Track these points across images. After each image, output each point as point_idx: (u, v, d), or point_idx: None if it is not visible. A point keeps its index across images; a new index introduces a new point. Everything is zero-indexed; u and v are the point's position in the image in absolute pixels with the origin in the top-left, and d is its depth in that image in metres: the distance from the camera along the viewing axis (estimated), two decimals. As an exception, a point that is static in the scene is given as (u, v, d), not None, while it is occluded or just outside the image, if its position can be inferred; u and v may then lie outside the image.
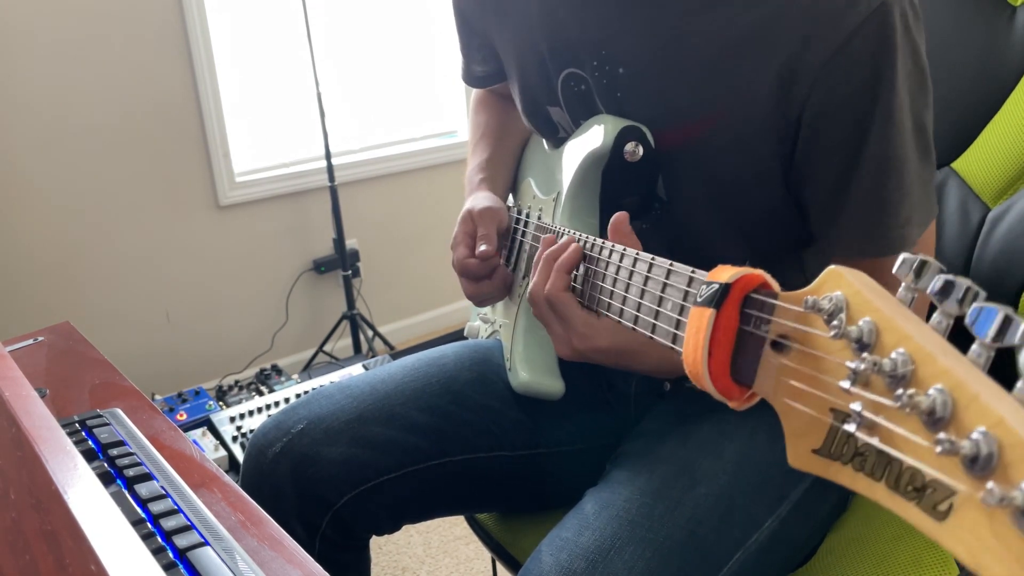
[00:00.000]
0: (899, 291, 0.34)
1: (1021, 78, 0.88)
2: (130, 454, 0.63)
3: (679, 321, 0.52)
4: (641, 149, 0.76)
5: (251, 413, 1.95)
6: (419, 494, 0.89)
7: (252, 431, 1.87)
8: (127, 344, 2.30)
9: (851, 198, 0.70)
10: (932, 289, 0.32)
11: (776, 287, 0.44)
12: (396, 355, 2.51)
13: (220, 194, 2.38)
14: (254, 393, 2.12)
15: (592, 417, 0.94)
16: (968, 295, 0.31)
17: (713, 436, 0.77)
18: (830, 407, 0.36)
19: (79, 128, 2.13)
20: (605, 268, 0.67)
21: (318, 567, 0.54)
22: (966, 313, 0.30)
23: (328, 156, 2.41)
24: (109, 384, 0.82)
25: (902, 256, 0.34)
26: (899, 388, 0.31)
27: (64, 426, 0.68)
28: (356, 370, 2.14)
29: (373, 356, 2.42)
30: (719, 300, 0.44)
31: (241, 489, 0.63)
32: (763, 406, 0.46)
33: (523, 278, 0.91)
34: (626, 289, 0.62)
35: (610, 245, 0.67)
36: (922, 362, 0.31)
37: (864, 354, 0.33)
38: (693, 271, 0.52)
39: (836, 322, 0.34)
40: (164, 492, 0.58)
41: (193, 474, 0.65)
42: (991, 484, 0.27)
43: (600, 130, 0.78)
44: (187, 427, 1.93)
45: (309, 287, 2.64)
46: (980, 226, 0.91)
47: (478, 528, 1.01)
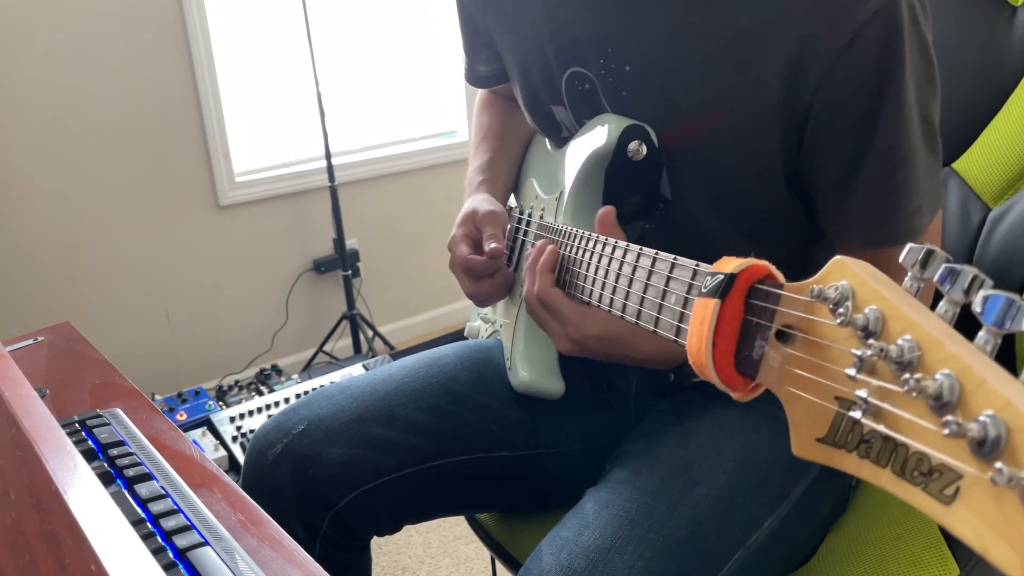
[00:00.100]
0: (905, 280, 0.34)
1: (1021, 78, 0.88)
2: (130, 454, 0.63)
3: (683, 314, 0.52)
4: (645, 148, 0.76)
5: (251, 413, 1.95)
6: (419, 494, 0.88)
7: (252, 431, 1.88)
8: (127, 344, 2.30)
9: (859, 189, 0.70)
10: (938, 278, 0.32)
11: (781, 278, 0.44)
12: (396, 355, 2.51)
13: (220, 194, 2.38)
14: (254, 393, 2.12)
15: (592, 417, 0.94)
16: (974, 283, 0.31)
17: (713, 436, 0.77)
18: (835, 395, 0.35)
19: (79, 128, 2.13)
20: (608, 264, 0.66)
21: (318, 567, 0.54)
22: (972, 301, 0.30)
23: (328, 156, 2.41)
24: (109, 384, 0.82)
25: (908, 246, 0.34)
26: (906, 373, 0.30)
27: (64, 426, 0.68)
28: (356, 370, 2.14)
29: (373, 356, 2.42)
30: (724, 290, 0.44)
31: (241, 489, 0.63)
32: (763, 405, 0.46)
33: (523, 277, 0.90)
34: (629, 284, 0.61)
35: (613, 241, 0.67)
36: (928, 348, 0.30)
37: (870, 341, 0.32)
38: (698, 264, 0.51)
39: (842, 310, 0.34)
40: (164, 492, 0.58)
41: (193, 474, 0.65)
42: (1000, 464, 0.27)
43: (604, 129, 0.78)
44: (187, 427, 1.93)
45: (309, 287, 2.64)
46: (980, 226, 0.91)
47: (478, 528, 1.01)
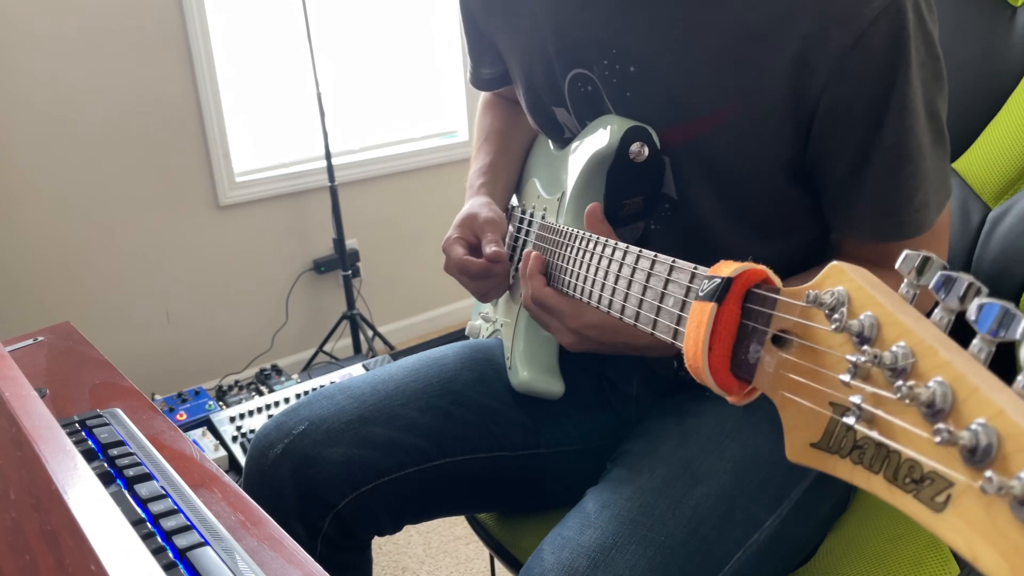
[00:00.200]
0: (901, 287, 0.34)
1: (1021, 78, 0.88)
2: (130, 454, 0.63)
3: (680, 316, 0.52)
4: (647, 150, 0.76)
5: (251, 413, 1.95)
6: (420, 494, 0.89)
7: (252, 431, 1.88)
8: (127, 344, 2.31)
9: (866, 185, 0.70)
10: (934, 285, 0.32)
11: (778, 282, 0.45)
12: (396, 355, 2.51)
13: (220, 194, 2.38)
14: (254, 393, 2.12)
15: (592, 417, 0.94)
16: (970, 291, 0.31)
17: (714, 435, 0.77)
18: (830, 400, 0.36)
19: (79, 128, 2.13)
20: (608, 265, 0.67)
21: (318, 567, 0.54)
22: (967, 308, 0.30)
23: (328, 156, 2.41)
24: (109, 384, 0.82)
25: (905, 252, 0.34)
26: (899, 380, 0.31)
27: (64, 426, 0.68)
28: (356, 370, 2.14)
29: (373, 356, 2.42)
30: (721, 294, 0.44)
31: (241, 489, 0.63)
32: (764, 405, 0.46)
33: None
34: (628, 286, 0.62)
35: (613, 243, 0.67)
36: (923, 355, 0.31)
37: (865, 347, 0.33)
38: (696, 267, 0.52)
39: (837, 316, 0.35)
40: (164, 492, 0.58)
41: (193, 474, 0.65)
42: (990, 473, 0.27)
43: (605, 131, 0.78)
44: (187, 427, 1.93)
45: (309, 287, 2.64)
46: (981, 226, 0.91)
47: (478, 528, 1.01)
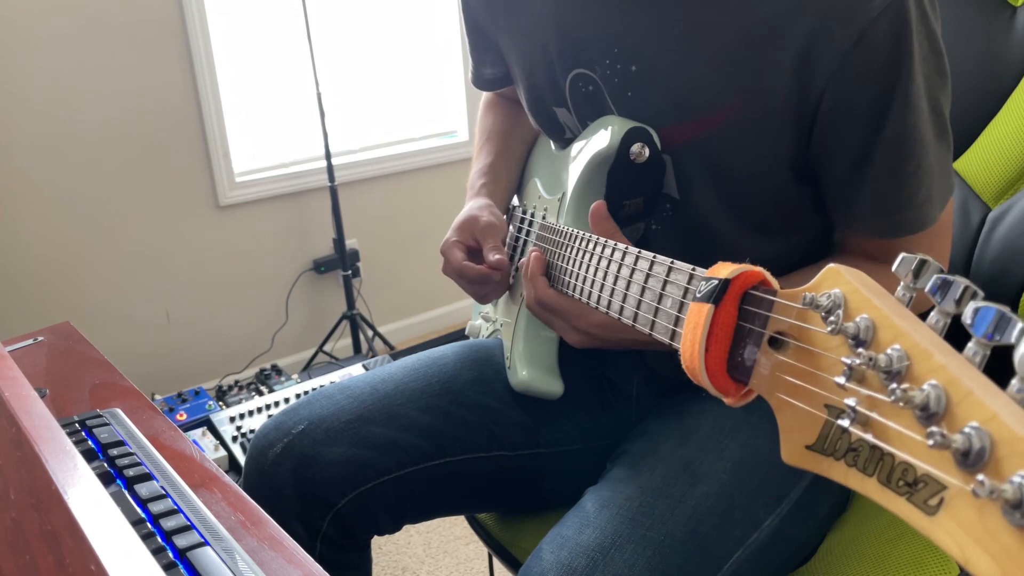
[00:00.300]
0: (897, 290, 0.34)
1: (1021, 78, 0.88)
2: (130, 454, 0.63)
3: (678, 317, 0.52)
4: (647, 150, 0.76)
5: (251, 413, 1.95)
6: (419, 494, 0.89)
7: (252, 431, 1.88)
8: (127, 344, 2.31)
9: (869, 181, 0.70)
10: (930, 288, 0.32)
11: (775, 284, 0.45)
12: (396, 355, 2.51)
13: (220, 194, 2.38)
14: (254, 393, 2.12)
15: (592, 417, 0.94)
16: (966, 294, 0.31)
17: (714, 435, 0.77)
18: (825, 403, 0.36)
19: (79, 128, 2.13)
20: (607, 266, 0.67)
21: (318, 567, 0.54)
22: (963, 312, 0.31)
23: (328, 156, 2.41)
24: (109, 384, 0.82)
25: (901, 255, 0.34)
26: (893, 383, 0.31)
27: (64, 426, 0.68)
28: (356, 370, 2.14)
29: (373, 356, 2.42)
30: (718, 296, 0.45)
31: (241, 489, 0.63)
32: (764, 405, 0.46)
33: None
34: (627, 287, 0.62)
35: (612, 244, 0.67)
36: (917, 358, 0.31)
37: (860, 350, 0.33)
38: (694, 268, 0.52)
39: (833, 318, 0.35)
40: (164, 492, 0.58)
41: (193, 474, 0.65)
42: (982, 477, 0.27)
43: (606, 132, 0.78)
44: (187, 427, 1.93)
45: (309, 287, 2.64)
46: (980, 226, 0.91)
47: (478, 528, 1.01)
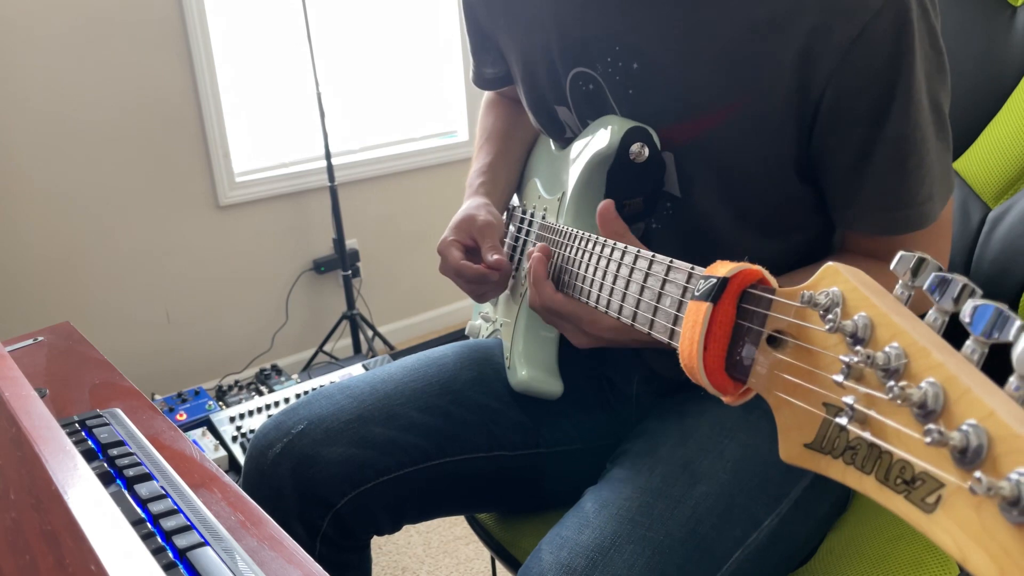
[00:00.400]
0: (896, 288, 0.34)
1: (1021, 78, 0.88)
2: (130, 454, 0.63)
3: (677, 316, 0.52)
4: (647, 150, 0.76)
5: (251, 413, 1.95)
6: (419, 494, 0.89)
7: (252, 431, 1.88)
8: (127, 344, 2.31)
9: (871, 178, 0.70)
10: (928, 286, 0.32)
11: (774, 283, 0.45)
12: (396, 355, 2.51)
13: (220, 194, 2.39)
14: (254, 393, 2.12)
15: (592, 417, 0.94)
16: (964, 292, 0.31)
17: (713, 435, 0.77)
18: (823, 401, 0.36)
19: (79, 128, 2.13)
20: (607, 266, 0.67)
21: (318, 567, 0.54)
22: (961, 310, 0.31)
23: (328, 156, 2.41)
24: (109, 384, 0.82)
25: (900, 254, 0.34)
26: (891, 381, 0.31)
27: (64, 426, 0.68)
28: (356, 370, 2.14)
29: (373, 356, 2.42)
30: (716, 294, 0.45)
31: (241, 489, 0.63)
32: (764, 405, 0.46)
33: (525, 277, 0.91)
34: (626, 286, 0.62)
35: (612, 243, 0.67)
36: (915, 356, 0.31)
37: (858, 348, 0.33)
38: (693, 267, 0.52)
39: (831, 316, 0.35)
40: (164, 492, 0.58)
41: (193, 474, 0.65)
42: (979, 474, 0.27)
43: (606, 131, 0.78)
44: (187, 427, 1.93)
45: (309, 287, 2.64)
46: (980, 226, 0.91)
47: (478, 528, 1.01)
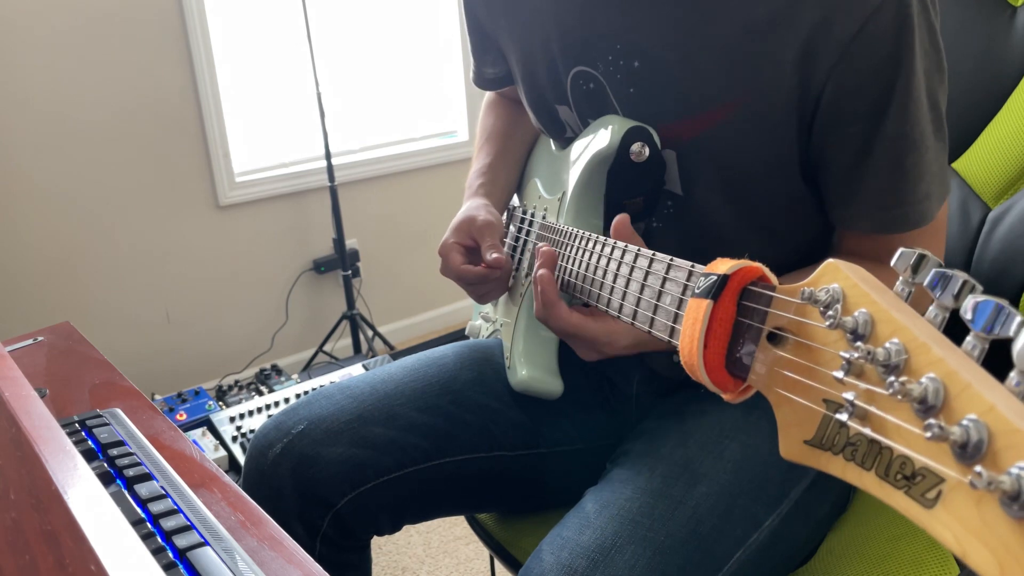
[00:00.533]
0: (896, 285, 0.34)
1: (1021, 78, 0.88)
2: (130, 454, 0.63)
3: (677, 314, 0.52)
4: (647, 150, 0.76)
5: (251, 413, 1.95)
6: (419, 494, 0.89)
7: (252, 431, 1.88)
8: (127, 344, 2.31)
9: (869, 175, 0.70)
10: (929, 282, 0.32)
11: (774, 280, 0.45)
12: (396, 355, 2.51)
13: (220, 194, 2.39)
14: (254, 393, 2.12)
15: (592, 417, 0.94)
16: (964, 288, 0.31)
17: (714, 435, 0.77)
18: (823, 397, 0.36)
19: (79, 128, 2.13)
20: (607, 264, 0.67)
21: (318, 567, 0.54)
22: (962, 306, 0.31)
23: (328, 156, 2.41)
24: (109, 384, 0.82)
25: (900, 250, 0.34)
26: (892, 376, 0.31)
27: (64, 426, 0.68)
28: (356, 370, 2.14)
29: (373, 356, 2.42)
30: (716, 292, 0.45)
31: (241, 489, 0.63)
32: (764, 404, 0.46)
33: (525, 277, 0.91)
34: (626, 284, 0.62)
35: (612, 242, 0.67)
36: (915, 352, 0.31)
37: (858, 344, 0.33)
38: (693, 265, 0.52)
39: (832, 313, 0.35)
40: (164, 492, 0.58)
41: (193, 474, 0.65)
42: (980, 468, 0.27)
43: (607, 131, 0.78)
44: (187, 427, 1.93)
45: (309, 287, 2.64)
46: (980, 226, 0.91)
47: (478, 528, 1.01)
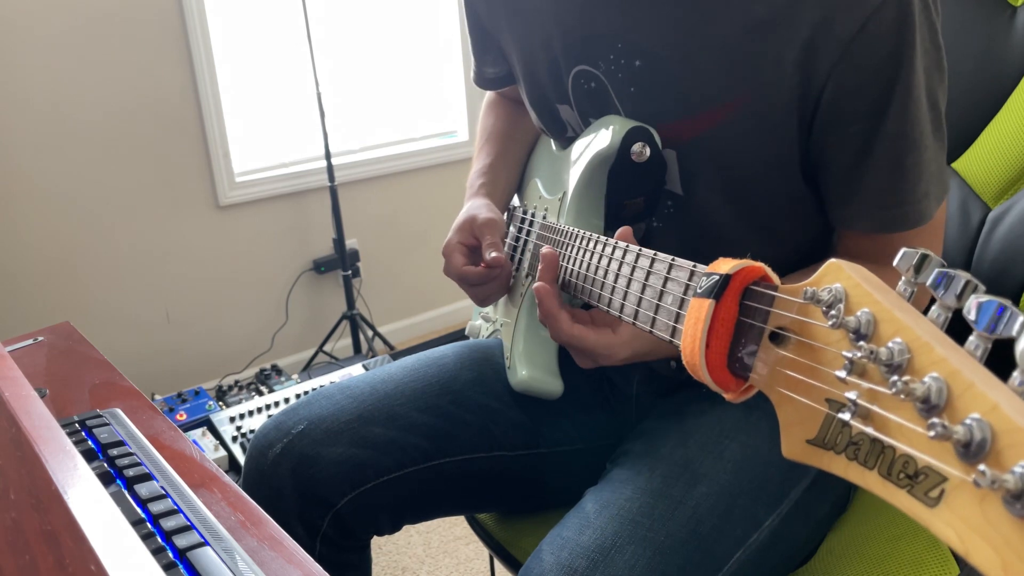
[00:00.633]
0: (899, 284, 0.34)
1: (1021, 78, 0.88)
2: (130, 454, 0.63)
3: (679, 314, 0.52)
4: (648, 150, 0.76)
5: (251, 413, 1.95)
6: (419, 494, 0.89)
7: (252, 431, 1.88)
8: (127, 344, 2.31)
9: (869, 174, 0.70)
10: (931, 282, 0.32)
11: (776, 279, 0.45)
12: (396, 355, 2.51)
13: (220, 194, 2.39)
14: (254, 393, 2.12)
15: (592, 417, 0.94)
16: (967, 288, 0.31)
17: (714, 435, 0.77)
18: (826, 397, 0.36)
19: (79, 128, 2.13)
20: (608, 264, 0.67)
21: (318, 567, 0.54)
22: (964, 306, 0.30)
23: (328, 156, 2.41)
24: (109, 384, 0.82)
25: (903, 250, 0.34)
26: (894, 376, 0.31)
27: (64, 426, 0.68)
28: (356, 370, 2.14)
29: (373, 356, 2.42)
30: (719, 291, 0.44)
31: (241, 489, 0.63)
32: (764, 405, 0.46)
33: (525, 277, 0.91)
34: (628, 284, 0.62)
35: (613, 242, 0.67)
36: (918, 351, 0.31)
37: (861, 343, 0.33)
38: (695, 265, 0.52)
39: (834, 312, 0.35)
40: (164, 492, 0.58)
41: (193, 474, 0.65)
42: (983, 467, 0.27)
43: (607, 131, 0.78)
44: (187, 427, 1.93)
45: (309, 287, 2.64)
46: (980, 226, 0.91)
47: (478, 528, 1.01)
